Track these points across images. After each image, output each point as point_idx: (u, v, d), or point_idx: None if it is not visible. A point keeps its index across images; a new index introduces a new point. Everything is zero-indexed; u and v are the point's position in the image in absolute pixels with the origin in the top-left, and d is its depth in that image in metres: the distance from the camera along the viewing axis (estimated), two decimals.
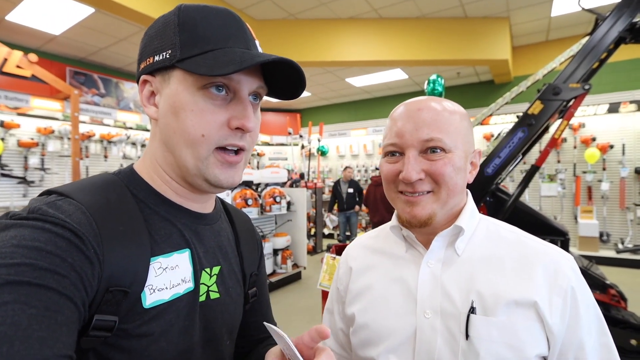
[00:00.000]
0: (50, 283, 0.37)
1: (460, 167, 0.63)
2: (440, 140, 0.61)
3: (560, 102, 2.47)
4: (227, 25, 0.52)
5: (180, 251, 0.54)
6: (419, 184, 0.62)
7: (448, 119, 0.63)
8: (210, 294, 0.58)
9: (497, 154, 2.57)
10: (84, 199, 0.46)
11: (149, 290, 0.48)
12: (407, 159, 0.62)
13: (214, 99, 0.50)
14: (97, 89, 6.49)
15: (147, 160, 0.57)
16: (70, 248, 0.41)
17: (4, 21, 4.92)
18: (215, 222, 0.63)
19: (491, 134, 7.08)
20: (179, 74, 0.50)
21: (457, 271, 0.64)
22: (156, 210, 0.54)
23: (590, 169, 6.24)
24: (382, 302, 0.68)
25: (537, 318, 0.57)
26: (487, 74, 7.23)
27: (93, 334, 0.43)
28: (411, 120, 0.63)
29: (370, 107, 9.38)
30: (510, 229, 0.68)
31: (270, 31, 5.76)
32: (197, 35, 0.50)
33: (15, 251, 0.37)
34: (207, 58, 0.48)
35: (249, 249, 0.70)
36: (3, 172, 4.92)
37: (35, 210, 0.42)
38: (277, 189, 4.99)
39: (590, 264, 2.86)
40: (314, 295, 4.53)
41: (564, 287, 0.58)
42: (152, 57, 0.52)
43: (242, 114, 0.51)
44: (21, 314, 0.34)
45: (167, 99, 0.52)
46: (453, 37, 5.63)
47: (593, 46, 2.48)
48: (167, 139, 0.53)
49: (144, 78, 0.54)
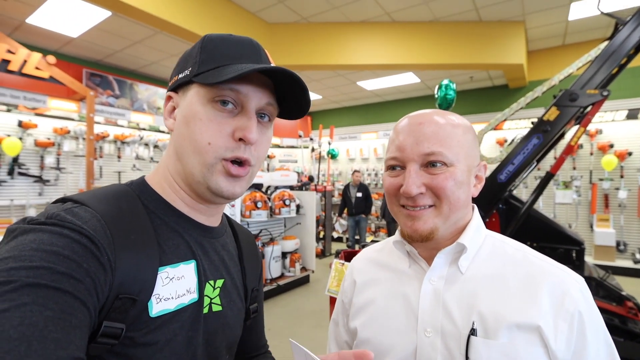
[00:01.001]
0: (67, 287, 0.39)
1: (463, 181, 0.62)
2: (441, 153, 0.61)
3: (577, 108, 2.41)
4: (242, 47, 0.56)
5: (186, 262, 0.55)
6: (420, 198, 0.61)
7: (450, 133, 0.62)
8: (213, 307, 0.59)
9: (510, 161, 2.53)
10: (98, 207, 0.48)
11: (155, 300, 0.49)
12: (408, 172, 0.62)
13: (221, 111, 0.54)
14: (112, 90, 6.62)
15: (160, 170, 0.60)
16: (86, 254, 0.42)
17: (24, 24, 5.06)
18: (221, 236, 0.65)
19: (505, 139, 6.97)
20: (195, 88, 0.55)
21: (459, 289, 0.62)
22: (165, 220, 0.55)
23: (607, 176, 6.09)
24: (384, 318, 0.67)
25: (541, 343, 0.55)
26: (501, 79, 7.13)
27: (101, 340, 0.44)
28: (412, 134, 0.63)
29: (381, 110, 9.34)
30: (518, 247, 0.66)
31: (282, 34, 5.79)
32: (214, 54, 0.55)
33: (35, 254, 0.39)
34: (216, 71, 0.53)
35: (251, 264, 0.71)
36: (20, 170, 5.05)
37: (53, 216, 0.44)
38: (286, 192, 4.99)
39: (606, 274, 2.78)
40: (322, 300, 4.51)
41: (571, 311, 0.55)
42: (177, 76, 0.58)
43: (246, 125, 0.54)
44: (38, 315, 0.35)
45: (182, 110, 0.56)
46: (466, 41, 5.57)
47: (613, 51, 2.42)
48: (178, 147, 0.56)
49: (168, 94, 0.59)
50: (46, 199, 5.36)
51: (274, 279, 4.73)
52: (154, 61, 6.60)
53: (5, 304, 0.35)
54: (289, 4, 5.08)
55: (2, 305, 0.34)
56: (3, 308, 0.34)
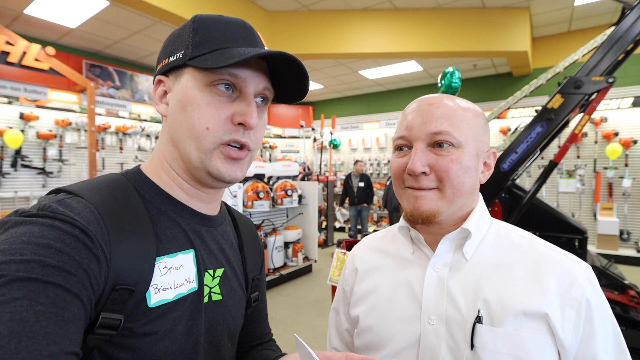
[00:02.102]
0: (58, 280, 0.38)
1: (469, 165, 0.61)
2: (449, 133, 0.59)
3: (582, 96, 2.37)
4: (237, 30, 0.55)
5: (184, 251, 0.54)
6: (423, 179, 0.60)
7: (460, 115, 0.61)
8: (213, 296, 0.58)
9: (513, 149, 2.50)
10: (92, 198, 0.47)
11: (153, 290, 0.49)
12: (414, 151, 0.61)
13: (220, 95, 0.53)
14: (113, 81, 6.59)
15: (155, 158, 0.59)
16: (78, 246, 0.41)
17: (22, 15, 5.01)
18: (220, 225, 0.64)
19: (508, 128, 6.91)
20: (190, 71, 0.53)
21: (464, 277, 0.61)
22: (163, 209, 0.55)
23: (612, 164, 6.04)
24: (387, 306, 0.67)
25: (548, 331, 0.54)
26: (505, 66, 7.03)
27: (99, 332, 0.44)
28: (421, 114, 0.62)
29: (383, 100, 9.26)
30: (523, 235, 0.65)
31: (282, 23, 5.71)
32: (208, 37, 0.53)
33: (25, 247, 0.38)
34: (214, 55, 0.51)
35: (252, 253, 0.71)
36: (23, 163, 5.07)
37: (45, 207, 0.43)
38: (288, 182, 4.99)
39: (609, 263, 2.77)
40: (324, 289, 4.54)
41: (578, 299, 0.55)
42: (167, 59, 0.56)
43: (245, 110, 0.53)
44: (29, 310, 0.35)
45: (177, 95, 0.54)
46: (470, 28, 5.48)
47: (619, 37, 2.36)
48: (173, 133, 0.55)
49: (158, 78, 0.57)
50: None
51: (276, 268, 4.77)
52: (153, 51, 6.55)
53: None
54: None
55: None
56: None
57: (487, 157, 0.66)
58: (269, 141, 9.52)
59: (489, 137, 0.66)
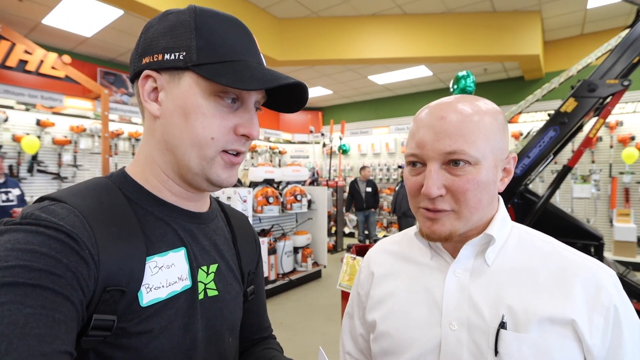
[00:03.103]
0: (46, 283, 0.38)
1: (487, 181, 0.58)
2: (464, 152, 0.56)
3: (596, 99, 2.34)
4: (242, 36, 0.55)
5: (175, 250, 0.55)
6: (439, 202, 0.59)
7: (476, 125, 0.57)
8: (208, 292, 0.59)
9: (526, 154, 2.47)
10: (76, 203, 0.47)
11: (145, 289, 0.49)
12: (429, 172, 0.58)
13: (224, 106, 0.53)
14: (126, 88, 6.72)
15: (142, 160, 0.57)
16: (64, 249, 0.42)
17: (40, 25, 5.17)
18: (211, 221, 0.64)
19: (520, 132, 6.81)
20: (193, 77, 0.52)
21: (486, 282, 0.60)
22: (149, 210, 0.55)
23: (628, 169, 5.89)
24: (405, 311, 0.66)
25: (575, 337, 0.53)
26: (517, 70, 6.96)
27: (93, 333, 0.44)
28: (433, 129, 0.58)
29: (392, 105, 9.24)
30: (545, 239, 0.64)
31: (292, 29, 5.77)
32: (214, 43, 0.51)
33: (10, 254, 0.38)
34: (227, 68, 0.51)
35: (246, 247, 0.71)
36: (39, 168, 5.19)
37: (28, 215, 0.43)
38: (298, 187, 5.00)
39: (626, 270, 2.70)
40: (334, 294, 4.51)
41: (606, 305, 0.54)
42: (162, 55, 0.51)
43: (249, 122, 0.55)
44: (18, 313, 0.35)
45: (176, 100, 0.52)
46: (480, 33, 5.44)
47: (634, 39, 2.33)
48: (169, 138, 0.54)
49: (147, 73, 0.53)
50: None
51: (286, 273, 4.76)
52: None
53: None
54: None
55: None
56: None
57: (507, 163, 0.63)
58: (279, 146, 9.57)
59: (508, 139, 0.64)
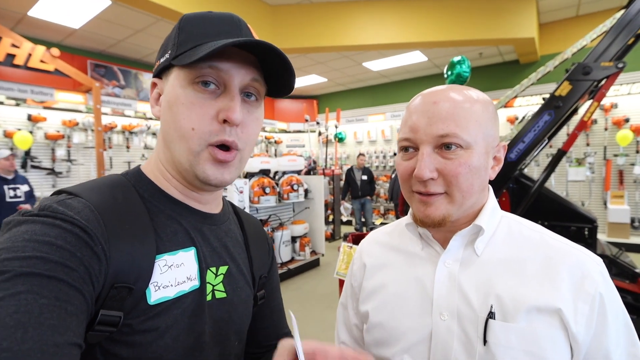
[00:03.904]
0: (61, 275, 0.39)
1: (479, 166, 0.59)
2: (456, 135, 0.57)
3: (591, 82, 2.33)
4: (220, 24, 0.53)
5: (185, 249, 0.55)
6: (431, 184, 0.59)
7: (467, 111, 0.58)
8: (216, 294, 0.58)
9: (521, 139, 2.47)
10: (92, 198, 0.48)
11: (153, 287, 0.49)
12: (421, 155, 0.58)
13: (201, 92, 0.51)
14: (118, 80, 6.62)
15: (152, 159, 0.59)
16: (79, 243, 0.42)
17: (26, 17, 5.05)
18: (223, 223, 0.64)
19: (515, 116, 6.80)
20: (175, 71, 0.53)
21: (475, 272, 0.61)
22: (162, 208, 0.55)
23: (622, 151, 5.93)
24: (397, 302, 0.66)
25: (561, 325, 0.54)
26: (512, 54, 6.91)
27: (99, 328, 0.44)
28: (426, 113, 0.59)
29: (388, 91, 9.18)
30: (534, 228, 0.64)
31: (284, 16, 5.67)
32: (192, 34, 0.52)
33: (27, 245, 0.39)
34: (192, 51, 0.50)
35: (259, 252, 0.70)
36: (33, 164, 5.14)
37: (45, 207, 0.44)
38: (294, 176, 4.99)
39: (619, 251, 2.74)
40: (332, 282, 4.57)
41: (591, 293, 0.54)
42: (159, 61, 0.56)
43: (229, 105, 0.51)
44: (33, 303, 0.36)
45: (165, 96, 0.55)
46: (475, 16, 5.38)
47: (629, 20, 2.30)
48: (165, 134, 0.55)
49: (153, 81, 0.58)
50: None
51: (284, 263, 4.80)
52: (157, 49, 6.50)
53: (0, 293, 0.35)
54: None
55: None
56: None
57: (497, 152, 0.63)
58: (274, 136, 9.52)
59: (498, 128, 0.64)
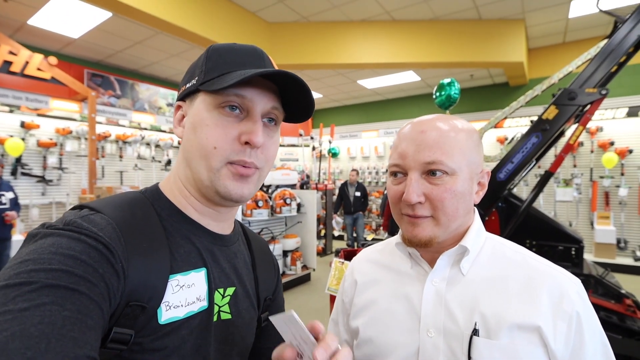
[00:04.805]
0: (83, 289, 0.40)
1: (463, 191, 0.63)
2: (442, 162, 0.61)
3: (576, 107, 2.42)
4: (245, 55, 0.58)
5: (197, 270, 0.56)
6: (419, 208, 0.62)
7: (452, 140, 0.62)
8: (222, 315, 0.59)
9: (510, 159, 2.53)
10: (113, 215, 0.50)
11: (165, 307, 0.50)
12: (409, 180, 0.63)
13: (227, 116, 0.55)
14: (114, 90, 6.64)
15: (171, 178, 0.61)
16: (101, 259, 0.44)
17: (26, 25, 5.08)
18: (233, 244, 0.65)
19: (505, 137, 6.97)
20: (202, 96, 0.56)
21: (461, 291, 0.64)
22: (178, 227, 0.56)
23: (608, 173, 6.09)
24: (386, 318, 0.69)
25: (541, 343, 0.57)
26: (502, 76, 7.13)
27: (110, 346, 0.45)
28: (414, 142, 0.63)
29: (381, 109, 9.34)
30: (517, 250, 0.68)
31: (282, 34, 5.79)
32: (218, 63, 0.56)
33: (54, 258, 0.41)
34: (221, 78, 0.54)
35: (265, 273, 0.71)
36: (23, 171, 5.08)
37: (70, 222, 0.46)
38: (287, 190, 5.01)
39: (605, 272, 2.78)
40: (324, 297, 4.53)
41: (569, 312, 0.57)
42: (185, 86, 0.60)
43: (251, 129, 0.54)
44: (57, 314, 0.37)
45: (190, 118, 0.58)
46: (467, 39, 5.57)
47: (612, 49, 2.42)
48: (186, 154, 0.57)
49: (177, 104, 0.61)
50: (49, 199, 5.39)
51: None
52: (154, 61, 6.62)
53: (25, 303, 0.36)
54: (289, 3, 5.09)
55: (23, 305, 0.36)
56: (24, 307, 0.36)
57: (481, 177, 0.67)
58: None
59: (482, 156, 0.68)
